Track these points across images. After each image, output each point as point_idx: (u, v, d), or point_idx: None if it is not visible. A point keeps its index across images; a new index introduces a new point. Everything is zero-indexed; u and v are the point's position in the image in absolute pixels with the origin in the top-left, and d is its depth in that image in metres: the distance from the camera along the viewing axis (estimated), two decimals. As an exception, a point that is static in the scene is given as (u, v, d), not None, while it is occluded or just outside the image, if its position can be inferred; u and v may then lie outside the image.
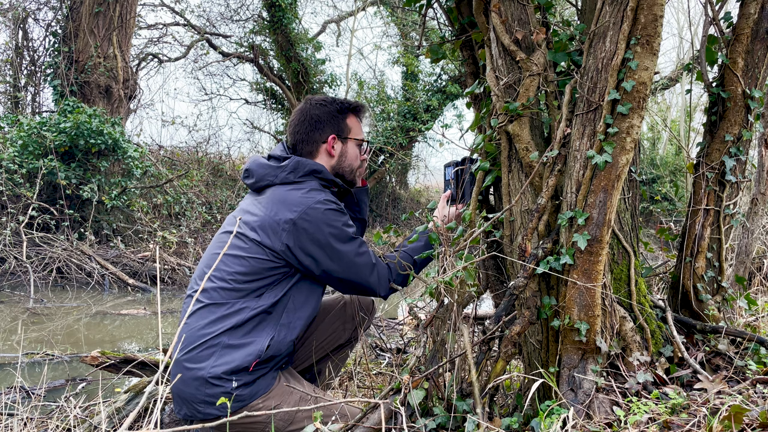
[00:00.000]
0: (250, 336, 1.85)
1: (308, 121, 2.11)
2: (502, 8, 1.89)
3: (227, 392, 1.80)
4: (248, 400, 1.84)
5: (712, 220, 2.06)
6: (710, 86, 2.02)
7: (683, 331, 1.95)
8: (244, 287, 1.87)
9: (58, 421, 2.28)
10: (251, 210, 1.98)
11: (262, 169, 2.03)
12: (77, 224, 8.36)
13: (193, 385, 1.82)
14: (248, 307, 1.86)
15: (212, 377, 1.80)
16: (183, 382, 1.83)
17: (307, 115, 2.11)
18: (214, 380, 1.80)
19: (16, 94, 10.35)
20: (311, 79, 13.01)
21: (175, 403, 1.92)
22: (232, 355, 1.82)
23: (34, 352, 4.09)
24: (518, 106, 1.84)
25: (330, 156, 2.11)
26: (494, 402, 1.67)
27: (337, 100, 2.16)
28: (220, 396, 1.79)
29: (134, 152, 9.09)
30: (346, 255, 1.93)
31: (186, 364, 1.84)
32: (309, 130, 2.10)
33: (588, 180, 1.67)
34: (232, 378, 1.80)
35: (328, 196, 1.97)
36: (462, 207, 2.19)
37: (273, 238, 1.88)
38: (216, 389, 1.80)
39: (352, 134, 2.16)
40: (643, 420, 1.49)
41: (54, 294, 6.77)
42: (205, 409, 1.82)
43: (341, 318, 2.32)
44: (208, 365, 1.81)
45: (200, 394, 1.81)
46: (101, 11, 9.53)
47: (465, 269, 1.72)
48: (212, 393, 1.80)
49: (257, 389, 1.85)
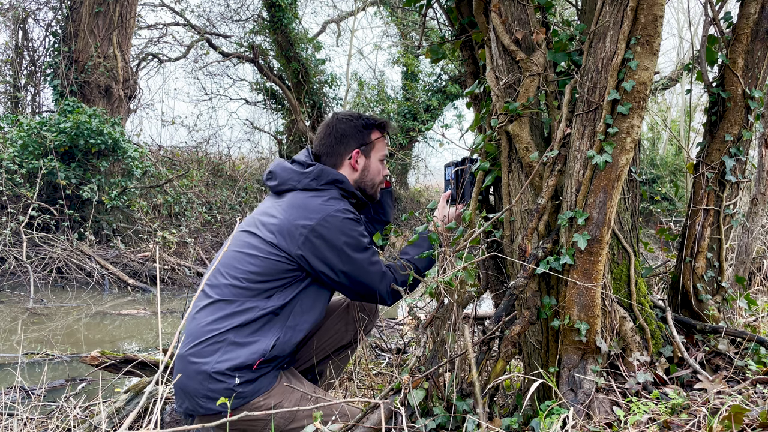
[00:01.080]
0: (257, 335, 1.88)
1: (334, 135, 2.17)
2: (502, 8, 1.89)
3: (229, 388, 1.82)
4: (250, 397, 1.85)
5: (712, 220, 2.06)
6: (710, 86, 2.02)
7: (683, 331, 1.95)
8: (255, 287, 1.91)
9: (58, 421, 2.28)
10: (271, 212, 2.02)
11: (286, 173, 2.07)
12: (77, 224, 8.36)
13: (196, 380, 1.84)
14: (257, 307, 1.89)
15: (216, 372, 1.82)
16: (187, 376, 1.85)
17: (333, 129, 2.18)
18: (217, 375, 1.82)
19: (16, 94, 10.35)
20: (311, 79, 13.01)
21: (177, 397, 1.93)
22: (237, 352, 1.84)
23: (34, 352, 4.09)
24: (518, 106, 1.84)
25: (353, 170, 2.17)
26: (494, 402, 1.67)
27: (363, 116, 2.22)
28: (222, 392, 1.81)
29: (134, 152, 9.09)
30: (359, 263, 1.99)
31: (191, 359, 1.86)
32: (334, 143, 2.17)
33: (588, 180, 1.67)
34: (235, 374, 1.82)
35: (346, 205, 2.03)
36: (462, 207, 2.21)
37: (289, 242, 1.92)
38: (219, 384, 1.82)
39: (376, 150, 2.22)
40: (643, 420, 1.49)
41: (54, 294, 6.77)
42: (206, 404, 1.83)
43: (344, 319, 2.33)
44: (213, 360, 1.83)
45: (203, 388, 1.83)
46: (101, 11, 9.53)
47: (465, 269, 1.72)
48: (215, 388, 1.82)
49: (259, 387, 1.87)
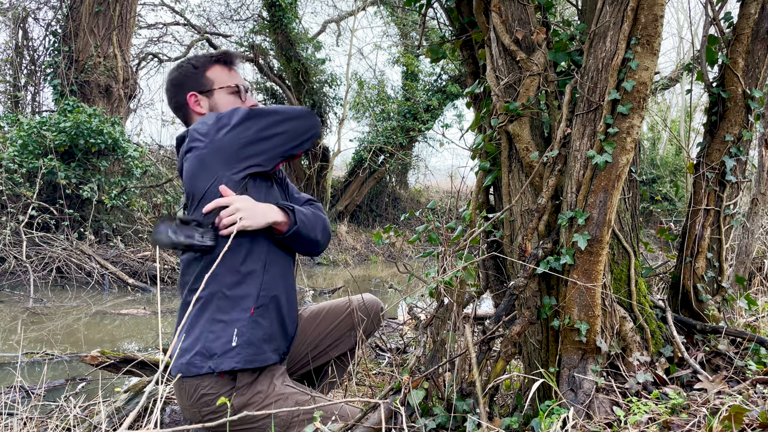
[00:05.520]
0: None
1: (171, 88, 2.05)
2: (502, 8, 1.89)
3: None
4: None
5: (712, 221, 2.06)
6: (710, 86, 2.02)
7: (683, 331, 1.95)
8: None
9: (57, 421, 2.28)
10: None
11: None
12: (77, 224, 8.36)
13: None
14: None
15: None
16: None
17: (169, 82, 2.05)
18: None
19: (16, 93, 10.35)
20: (311, 79, 13.01)
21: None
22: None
23: (33, 351, 4.09)
24: (518, 106, 1.84)
25: (199, 114, 2.02)
26: (494, 402, 1.67)
27: (195, 56, 2.08)
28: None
29: (134, 152, 9.09)
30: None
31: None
32: (174, 95, 2.04)
33: (588, 180, 1.67)
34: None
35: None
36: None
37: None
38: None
39: (217, 84, 2.04)
40: (643, 420, 1.49)
41: (54, 294, 6.77)
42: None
43: (349, 325, 2.28)
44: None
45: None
46: (101, 11, 9.53)
47: (465, 269, 1.72)
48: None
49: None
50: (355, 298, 2.27)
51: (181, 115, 2.06)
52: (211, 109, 2.01)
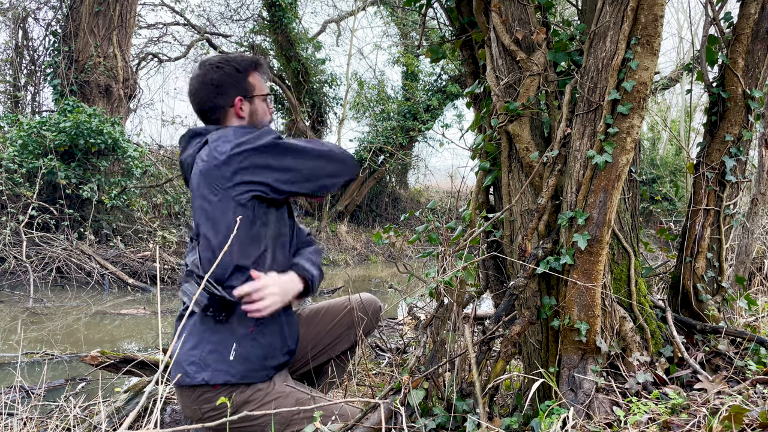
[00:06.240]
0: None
1: (209, 88, 2.01)
2: (502, 8, 1.89)
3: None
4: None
5: (712, 221, 2.06)
6: (710, 86, 2.02)
7: (683, 331, 1.95)
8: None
9: (57, 421, 2.27)
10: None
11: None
12: (77, 224, 8.36)
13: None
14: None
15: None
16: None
17: (207, 81, 2.02)
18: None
19: (16, 93, 10.35)
20: (311, 79, 13.01)
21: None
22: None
23: (33, 351, 4.09)
24: (518, 106, 1.84)
25: (240, 118, 2.04)
26: (494, 402, 1.67)
27: (231, 59, 2.07)
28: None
29: (134, 152, 9.09)
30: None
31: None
32: (213, 96, 2.01)
33: (588, 180, 1.67)
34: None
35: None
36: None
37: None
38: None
39: (257, 91, 2.06)
40: (643, 420, 1.49)
41: (54, 294, 6.77)
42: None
43: (348, 323, 2.28)
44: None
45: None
46: (101, 11, 9.53)
47: (465, 269, 1.72)
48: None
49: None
50: (354, 297, 2.27)
51: (214, 117, 2.03)
52: (250, 115, 2.04)
